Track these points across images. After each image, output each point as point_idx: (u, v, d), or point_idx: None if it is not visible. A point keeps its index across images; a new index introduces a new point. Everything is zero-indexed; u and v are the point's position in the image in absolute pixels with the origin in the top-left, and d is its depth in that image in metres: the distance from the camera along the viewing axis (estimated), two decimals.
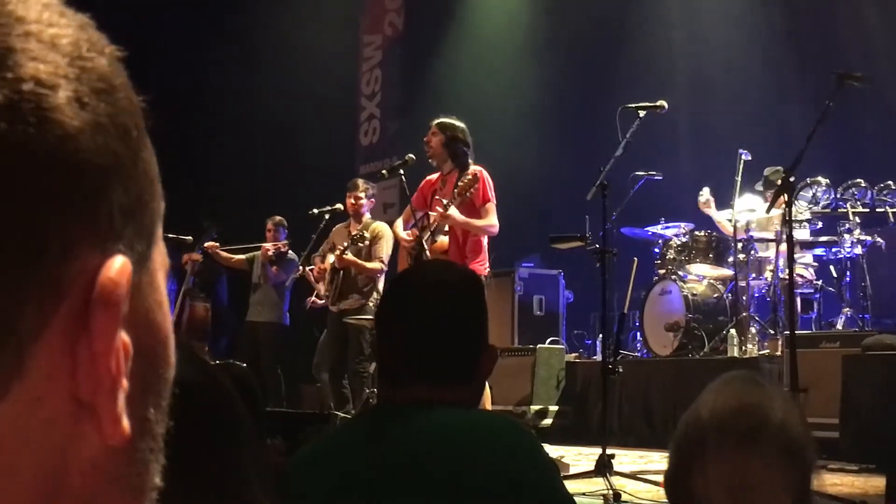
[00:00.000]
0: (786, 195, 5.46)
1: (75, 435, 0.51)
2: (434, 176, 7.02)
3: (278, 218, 10.42)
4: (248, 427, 1.29)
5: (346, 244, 8.12)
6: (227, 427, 1.24)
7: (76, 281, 0.50)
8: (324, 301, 8.53)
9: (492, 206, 6.66)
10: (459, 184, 6.56)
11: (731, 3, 11.27)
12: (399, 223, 7.16)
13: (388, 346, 2.03)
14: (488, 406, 6.58)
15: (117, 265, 0.51)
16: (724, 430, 1.42)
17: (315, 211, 9.14)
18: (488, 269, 6.82)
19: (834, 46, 10.27)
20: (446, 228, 6.75)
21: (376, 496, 1.84)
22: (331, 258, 8.38)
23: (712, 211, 9.32)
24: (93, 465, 0.51)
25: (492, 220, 6.65)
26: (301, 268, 9.42)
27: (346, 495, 1.87)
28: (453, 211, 6.50)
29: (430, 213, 6.76)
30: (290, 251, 10.21)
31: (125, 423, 0.51)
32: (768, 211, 6.96)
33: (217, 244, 10.53)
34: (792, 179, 5.49)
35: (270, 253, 10.08)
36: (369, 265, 8.08)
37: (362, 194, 8.47)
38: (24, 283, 0.48)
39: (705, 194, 9.27)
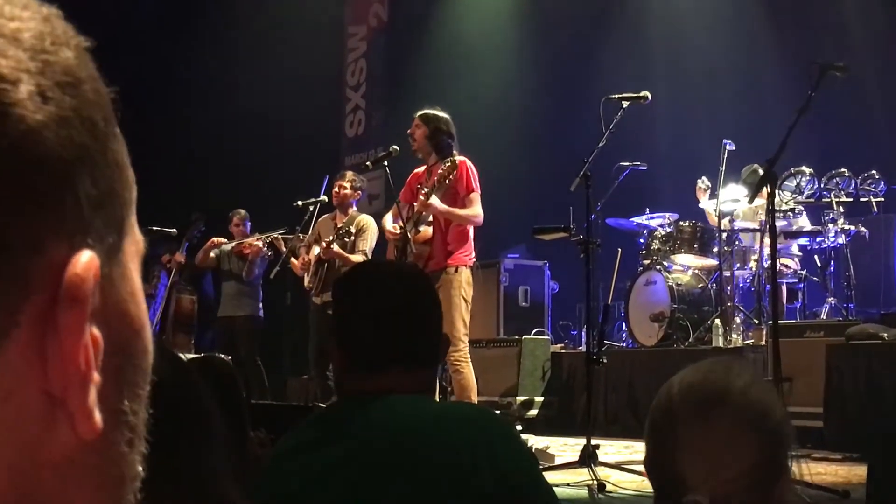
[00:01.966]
0: (768, 186, 5.47)
1: (48, 429, 0.50)
2: (421, 169, 7.00)
3: (243, 212, 10.40)
4: (216, 420, 1.28)
5: (332, 237, 8.10)
6: (195, 420, 1.23)
7: (44, 277, 0.49)
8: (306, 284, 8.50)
9: (476, 197, 6.63)
10: (440, 171, 6.55)
11: None
12: (388, 217, 7.15)
13: (348, 337, 2.05)
14: (475, 398, 6.57)
15: (84, 260, 0.50)
16: (687, 400, 1.49)
17: (300, 203, 9.12)
18: (474, 260, 6.82)
19: (815, 35, 10.31)
20: (430, 219, 6.73)
21: (351, 487, 1.85)
22: (316, 249, 8.36)
23: (705, 200, 9.34)
24: (66, 459, 0.51)
25: (476, 210, 6.62)
26: (291, 248, 9.33)
27: (322, 487, 1.87)
28: (434, 200, 6.48)
29: (414, 204, 6.74)
30: None
31: (97, 416, 0.51)
32: (751, 201, 6.98)
33: (224, 239, 10.41)
34: (773, 170, 5.50)
35: (269, 253, 10.03)
36: (353, 258, 8.06)
37: (347, 184, 8.45)
38: None
39: (704, 182, 9.30)
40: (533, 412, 8.99)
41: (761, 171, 5.70)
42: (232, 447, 2.15)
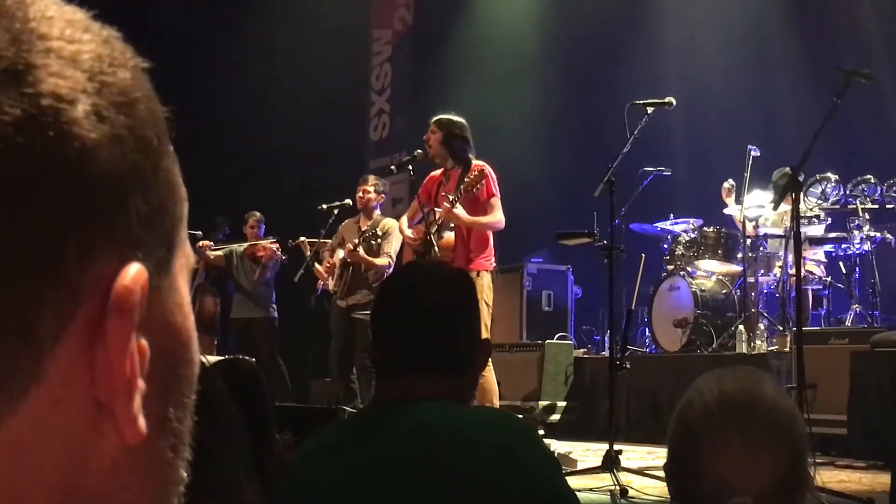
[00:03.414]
0: (793, 193, 5.45)
1: (95, 435, 0.53)
2: (437, 172, 7.03)
3: (258, 214, 10.46)
4: (237, 423, 1.30)
5: (357, 240, 8.13)
6: (216, 424, 1.24)
7: (94, 287, 0.51)
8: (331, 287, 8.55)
9: (496, 201, 6.67)
10: (465, 180, 6.57)
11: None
12: (404, 220, 7.19)
13: (383, 341, 2.06)
14: (496, 401, 6.59)
15: (132, 273, 0.52)
16: (725, 407, 1.54)
17: (324, 206, 9.16)
18: (494, 264, 6.84)
19: (837, 40, 10.28)
20: (451, 225, 6.77)
21: (376, 491, 1.86)
22: (340, 253, 8.39)
23: (731, 201, 9.29)
24: (112, 463, 0.53)
25: (497, 216, 6.66)
26: (311, 260, 9.38)
27: (347, 490, 1.89)
28: (460, 211, 6.52)
29: (435, 209, 6.77)
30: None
31: (141, 422, 0.53)
32: (775, 208, 6.96)
33: (211, 243, 10.50)
34: (801, 178, 5.48)
35: (284, 257, 10.08)
36: (377, 261, 8.10)
37: (371, 188, 8.49)
38: (42, 290, 0.49)
39: (729, 182, 9.25)
40: (555, 417, 8.99)
41: None
42: (256, 449, 2.17)
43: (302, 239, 9.51)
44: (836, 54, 9.44)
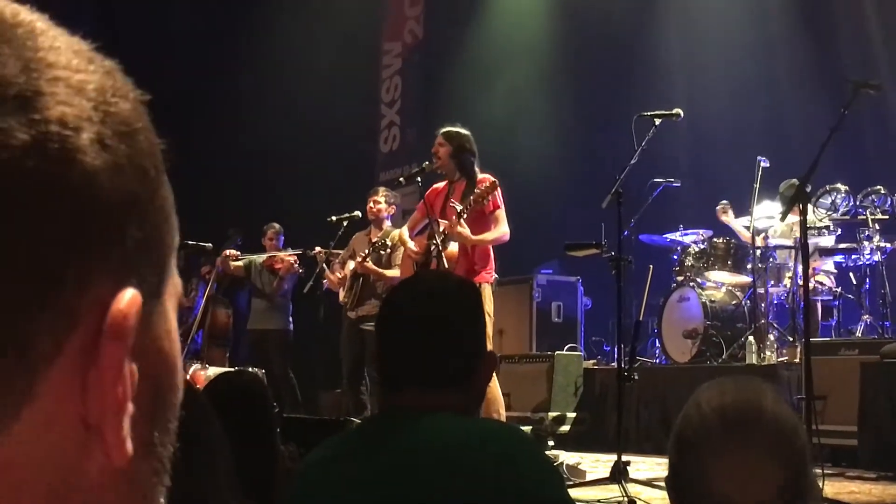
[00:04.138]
0: (801, 204, 5.45)
1: (82, 456, 0.53)
2: (440, 184, 7.05)
3: (277, 226, 10.49)
4: (222, 442, 1.30)
5: (366, 251, 8.14)
6: (199, 443, 1.25)
7: (89, 311, 0.52)
8: (341, 298, 8.56)
9: (501, 214, 6.69)
10: (476, 191, 6.58)
11: (747, 10, 11.29)
12: (405, 230, 7.20)
13: (386, 353, 2.06)
14: (503, 412, 6.59)
15: (127, 298, 0.54)
16: (724, 419, 1.54)
17: (334, 218, 9.17)
18: (495, 276, 6.87)
19: (851, 51, 10.27)
20: None
21: (377, 502, 1.86)
22: (351, 265, 8.41)
23: (730, 219, 9.32)
24: (98, 485, 0.54)
25: (502, 228, 6.68)
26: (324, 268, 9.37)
27: (348, 501, 1.89)
28: (465, 230, 6.51)
29: (439, 220, 6.77)
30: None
31: (129, 445, 0.54)
32: (783, 219, 6.95)
33: (238, 252, 10.54)
34: (808, 189, 5.48)
35: (300, 270, 10.10)
36: (389, 273, 8.10)
37: (381, 199, 8.51)
38: (40, 312, 0.50)
39: (723, 204, 9.29)
40: (565, 428, 8.97)
41: None
42: (259, 461, 2.17)
43: (318, 249, 9.53)
44: (847, 65, 9.43)
